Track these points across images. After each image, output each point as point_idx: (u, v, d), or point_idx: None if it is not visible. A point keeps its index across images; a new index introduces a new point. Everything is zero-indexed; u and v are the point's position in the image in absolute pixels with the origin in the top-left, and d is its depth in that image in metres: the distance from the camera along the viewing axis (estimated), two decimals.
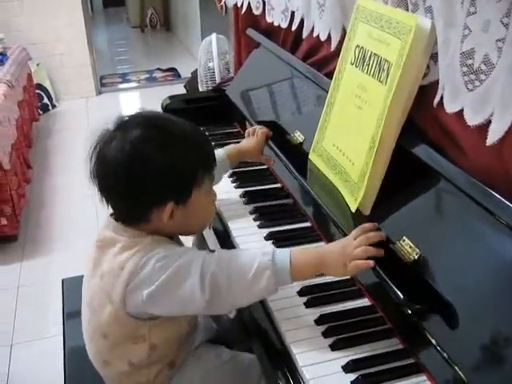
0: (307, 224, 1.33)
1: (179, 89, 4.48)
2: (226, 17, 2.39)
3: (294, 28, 1.67)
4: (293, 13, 1.66)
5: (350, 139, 1.22)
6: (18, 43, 4.31)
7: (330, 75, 1.36)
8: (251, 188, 1.51)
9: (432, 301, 0.91)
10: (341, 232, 1.17)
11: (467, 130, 0.96)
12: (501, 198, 0.86)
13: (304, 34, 1.62)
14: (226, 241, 1.32)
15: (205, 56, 3.26)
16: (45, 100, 4.77)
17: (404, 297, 0.93)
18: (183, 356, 1.13)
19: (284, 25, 1.75)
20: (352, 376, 0.91)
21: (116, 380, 1.12)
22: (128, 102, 5.19)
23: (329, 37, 1.47)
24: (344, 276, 1.06)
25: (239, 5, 2.05)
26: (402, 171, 1.09)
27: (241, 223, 1.36)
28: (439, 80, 1.03)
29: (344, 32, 1.39)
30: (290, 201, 1.44)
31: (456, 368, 0.83)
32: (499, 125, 0.88)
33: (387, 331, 1.00)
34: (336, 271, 1.01)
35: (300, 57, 1.68)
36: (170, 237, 1.08)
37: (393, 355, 0.95)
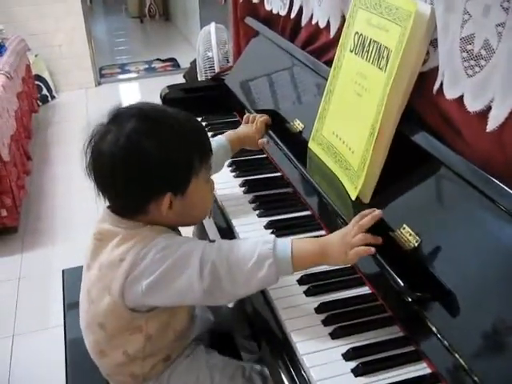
0: (307, 212, 1.32)
1: (178, 79, 4.46)
2: (225, 6, 2.38)
3: (293, 16, 1.66)
4: (292, 0, 1.65)
5: (350, 127, 1.22)
6: (17, 34, 4.29)
7: (330, 63, 1.35)
8: (251, 177, 1.50)
9: (432, 288, 0.91)
10: (341, 220, 1.16)
11: (467, 117, 0.95)
12: (501, 185, 0.86)
13: (303, 22, 1.61)
14: (227, 230, 1.32)
15: (203, 46, 3.24)
16: (44, 91, 4.76)
17: (404, 284, 0.93)
18: (179, 350, 1.13)
19: (283, 12, 1.74)
20: (352, 364, 0.91)
21: (111, 371, 1.12)
22: (127, 93, 5.18)
23: (328, 24, 1.47)
24: (346, 264, 1.06)
25: None
26: (402, 159, 1.09)
27: (241, 212, 1.35)
28: (439, 66, 1.02)
29: (343, 19, 1.38)
30: (290, 189, 1.43)
31: (456, 355, 0.83)
32: (499, 111, 0.87)
33: (387, 319, 1.00)
34: (337, 260, 1.00)
35: (299, 45, 1.66)
36: (172, 228, 1.07)
37: (393, 343, 0.95)
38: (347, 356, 0.92)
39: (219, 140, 1.40)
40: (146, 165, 0.97)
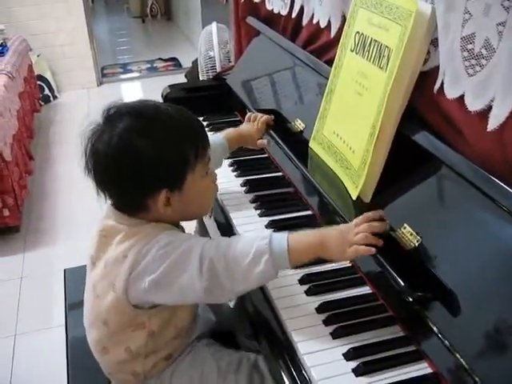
0: (308, 212, 1.32)
1: (180, 78, 4.46)
2: (227, 6, 2.38)
3: (294, 15, 1.66)
4: (293, 0, 1.65)
5: (351, 126, 1.21)
6: (19, 34, 4.29)
7: (330, 62, 1.35)
8: (252, 177, 1.50)
9: (433, 288, 0.91)
10: (342, 220, 1.16)
11: (468, 116, 0.95)
12: (502, 184, 0.86)
13: (304, 21, 1.61)
14: (228, 230, 1.32)
15: (205, 45, 3.24)
16: (46, 91, 4.76)
17: (405, 284, 0.93)
18: (181, 349, 1.14)
19: (284, 12, 1.74)
20: (353, 364, 0.91)
21: (113, 369, 1.13)
22: (129, 93, 5.18)
23: (329, 24, 1.46)
24: (342, 260, 1.06)
25: None
26: (403, 158, 1.09)
27: (242, 212, 1.35)
28: (440, 65, 1.02)
29: (344, 19, 1.38)
30: (291, 189, 1.43)
31: (457, 355, 0.83)
32: (500, 110, 0.87)
33: (388, 319, 1.00)
34: (335, 255, 1.00)
35: (300, 44, 1.66)
36: (176, 225, 1.08)
37: (394, 343, 0.95)
38: (348, 356, 0.92)
39: (216, 138, 1.39)
40: (139, 163, 0.98)
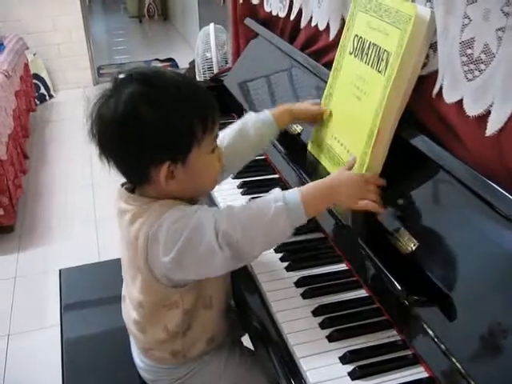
0: None
1: None
2: (224, 7, 2.38)
3: (293, 17, 1.66)
4: (291, 2, 1.65)
5: (349, 130, 1.21)
6: (15, 33, 4.28)
7: (329, 65, 1.35)
8: (249, 178, 1.50)
9: (430, 292, 0.91)
10: (339, 222, 1.16)
11: (466, 121, 0.95)
12: (499, 189, 0.86)
13: (302, 24, 1.61)
14: None
15: (202, 46, 3.23)
16: (42, 90, 4.75)
17: (401, 288, 0.93)
18: (222, 335, 1.17)
19: (282, 14, 1.74)
20: (349, 367, 0.91)
21: (152, 345, 1.14)
22: None
23: (327, 26, 1.46)
24: (350, 208, 1.08)
25: None
26: (401, 162, 1.09)
27: None
28: (438, 70, 1.02)
29: (343, 21, 1.38)
30: None
31: (453, 359, 0.83)
32: (498, 115, 0.87)
33: (385, 322, 1.00)
34: (345, 202, 1.04)
35: (298, 46, 1.66)
36: (189, 202, 1.06)
37: (390, 346, 0.95)
38: (344, 359, 0.92)
39: (264, 114, 1.28)
40: (143, 130, 0.96)
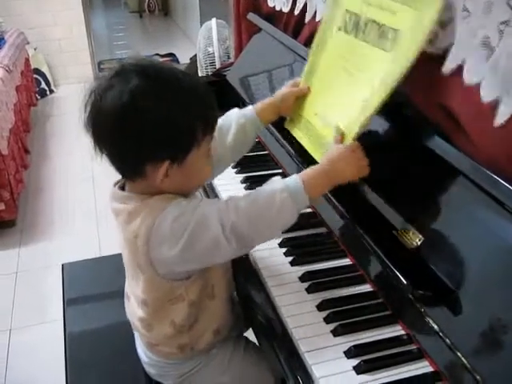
0: (309, 210, 1.32)
1: None
2: (225, 1, 2.37)
3: (297, 12, 1.65)
4: None
5: (336, 105, 1.18)
6: (16, 27, 4.27)
7: None
8: (252, 173, 1.50)
9: (435, 287, 0.91)
10: (343, 217, 1.16)
11: (472, 114, 0.94)
12: (505, 184, 0.86)
13: (306, 19, 1.60)
14: None
15: (204, 41, 3.23)
16: (42, 85, 4.75)
17: (406, 282, 0.93)
18: (229, 325, 1.17)
19: (286, 9, 1.73)
20: (354, 361, 0.91)
21: (158, 341, 1.14)
22: None
23: None
24: (355, 177, 1.06)
25: None
26: (406, 157, 1.09)
27: None
28: (452, 51, 0.98)
29: None
30: None
31: (458, 354, 0.83)
32: (505, 109, 0.87)
33: (389, 317, 1.00)
34: (350, 175, 1.04)
35: (302, 41, 1.65)
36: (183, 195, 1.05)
37: (395, 341, 0.95)
38: (349, 354, 0.92)
39: (246, 111, 1.26)
40: (143, 123, 0.92)
